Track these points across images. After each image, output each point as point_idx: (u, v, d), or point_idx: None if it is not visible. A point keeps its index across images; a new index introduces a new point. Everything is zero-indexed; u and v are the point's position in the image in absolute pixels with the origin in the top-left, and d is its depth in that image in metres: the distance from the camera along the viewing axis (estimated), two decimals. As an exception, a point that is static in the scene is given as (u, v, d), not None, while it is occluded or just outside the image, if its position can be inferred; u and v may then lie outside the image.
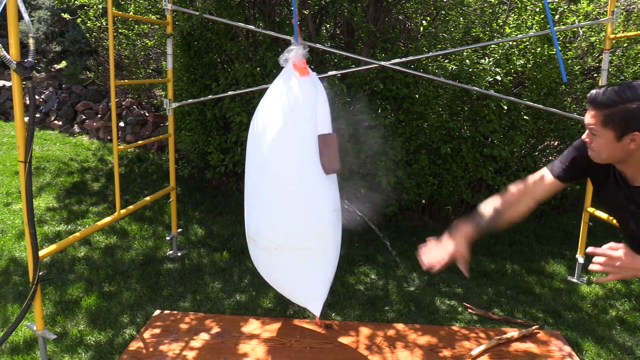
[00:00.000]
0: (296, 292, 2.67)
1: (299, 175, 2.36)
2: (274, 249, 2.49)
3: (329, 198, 2.47)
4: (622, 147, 1.53)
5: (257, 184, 2.49)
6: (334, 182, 2.52)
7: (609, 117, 1.50)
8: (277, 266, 2.58)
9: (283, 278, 2.64)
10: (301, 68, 2.38)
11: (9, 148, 6.87)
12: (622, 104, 1.47)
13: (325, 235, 2.49)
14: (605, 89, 1.53)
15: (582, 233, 3.79)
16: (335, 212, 2.51)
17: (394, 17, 4.79)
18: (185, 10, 3.79)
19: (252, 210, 2.57)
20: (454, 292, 3.59)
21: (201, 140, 5.17)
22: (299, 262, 2.50)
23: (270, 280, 2.72)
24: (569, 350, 2.79)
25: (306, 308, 2.75)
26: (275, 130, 2.36)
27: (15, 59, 2.25)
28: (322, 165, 2.30)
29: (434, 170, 4.60)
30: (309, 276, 2.57)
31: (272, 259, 2.56)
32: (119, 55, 6.85)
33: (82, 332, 2.97)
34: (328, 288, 2.67)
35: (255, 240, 2.59)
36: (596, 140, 1.58)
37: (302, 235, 2.44)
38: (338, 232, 2.60)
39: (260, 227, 2.52)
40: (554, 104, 4.69)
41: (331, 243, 2.55)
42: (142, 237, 4.36)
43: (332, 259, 2.61)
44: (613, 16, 3.33)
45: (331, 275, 2.66)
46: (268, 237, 2.49)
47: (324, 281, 2.62)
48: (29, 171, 2.34)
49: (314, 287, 2.62)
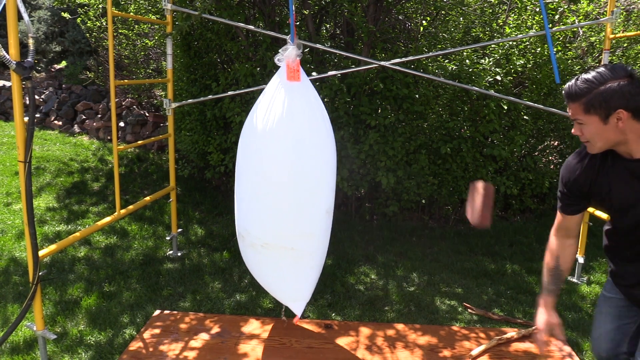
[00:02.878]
0: (279, 290, 2.68)
1: (291, 177, 2.36)
2: (260, 246, 2.50)
3: (322, 199, 2.47)
4: (612, 128, 1.56)
5: (247, 182, 2.49)
6: (331, 183, 2.51)
7: (589, 104, 1.55)
8: (263, 263, 2.59)
9: (268, 275, 2.65)
10: (293, 70, 2.38)
11: (9, 148, 6.87)
12: (595, 89, 1.53)
13: (313, 236, 2.49)
14: (576, 79, 1.59)
15: (582, 233, 3.79)
16: (327, 213, 2.51)
17: (394, 17, 4.79)
18: (185, 10, 3.79)
19: (241, 207, 2.58)
20: (454, 292, 3.59)
21: (201, 140, 5.17)
22: (283, 261, 2.51)
23: (257, 276, 2.73)
24: (569, 350, 2.79)
25: (288, 307, 2.74)
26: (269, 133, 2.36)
27: (15, 59, 2.25)
28: (470, 214, 2.05)
29: (434, 170, 4.60)
30: (293, 276, 2.58)
31: (258, 256, 2.57)
32: (119, 55, 6.86)
33: (82, 332, 2.97)
34: (312, 289, 2.67)
35: (243, 237, 2.60)
36: (586, 130, 1.61)
37: (289, 234, 2.45)
38: (327, 233, 2.60)
39: (248, 224, 2.53)
40: (554, 104, 4.69)
41: (319, 244, 2.55)
42: (142, 237, 4.37)
43: (318, 261, 2.61)
44: (613, 16, 3.33)
45: (316, 276, 2.66)
46: (255, 234, 2.50)
47: (307, 282, 2.62)
48: (29, 171, 2.34)
49: (297, 288, 2.62)
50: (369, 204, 4.99)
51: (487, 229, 4.76)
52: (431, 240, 4.52)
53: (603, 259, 4.17)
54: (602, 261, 4.13)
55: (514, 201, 5.03)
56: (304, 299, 2.65)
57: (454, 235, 4.63)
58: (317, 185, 2.42)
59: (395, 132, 4.43)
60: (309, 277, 2.60)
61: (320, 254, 2.59)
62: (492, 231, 4.71)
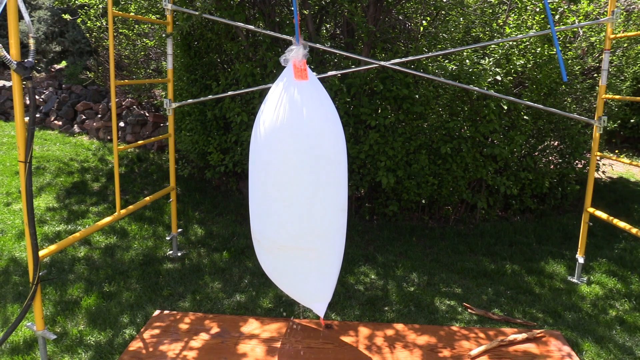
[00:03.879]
0: (300, 293, 2.66)
1: (303, 176, 2.35)
2: (277, 249, 2.49)
3: (336, 197, 2.45)
4: None
5: (259, 184, 2.49)
6: (344, 181, 2.50)
7: None
8: (281, 266, 2.58)
9: (287, 278, 2.63)
10: (300, 70, 2.38)
11: (9, 148, 6.87)
12: None
13: (329, 235, 2.48)
14: None
15: (582, 233, 3.79)
16: (342, 211, 2.50)
17: (394, 17, 4.79)
18: (185, 10, 3.79)
19: (255, 210, 2.57)
20: (454, 292, 3.59)
21: (201, 140, 5.17)
22: (302, 263, 2.49)
23: (275, 280, 2.71)
24: (568, 350, 2.79)
25: (311, 309, 2.74)
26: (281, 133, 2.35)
27: (15, 59, 2.25)
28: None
29: (434, 170, 4.60)
30: (313, 277, 2.56)
31: (275, 260, 2.56)
32: (119, 55, 6.85)
33: (82, 332, 2.97)
34: (333, 289, 2.65)
35: (259, 241, 2.58)
36: None
37: (305, 235, 2.43)
38: (343, 231, 2.59)
39: (264, 228, 2.52)
40: (554, 104, 4.69)
41: (336, 243, 2.54)
42: (142, 237, 4.37)
43: (336, 260, 2.60)
44: (613, 16, 3.33)
45: (335, 276, 2.64)
46: (271, 238, 2.49)
47: (328, 282, 2.60)
48: (29, 171, 2.34)
49: (318, 288, 2.61)
50: (369, 204, 4.99)
51: (487, 229, 4.76)
52: (431, 240, 4.52)
53: (603, 259, 4.18)
54: (602, 261, 4.13)
55: (514, 201, 5.03)
56: (326, 299, 2.63)
57: (454, 235, 4.63)
58: (330, 184, 2.40)
59: (395, 132, 4.43)
60: (328, 277, 2.58)
61: (337, 253, 2.58)
62: (492, 231, 4.71)
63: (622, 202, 5.70)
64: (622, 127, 8.03)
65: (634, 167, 7.12)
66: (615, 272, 3.97)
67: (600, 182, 6.42)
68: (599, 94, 3.53)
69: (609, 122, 5.86)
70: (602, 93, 3.51)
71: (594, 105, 4.85)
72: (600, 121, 3.50)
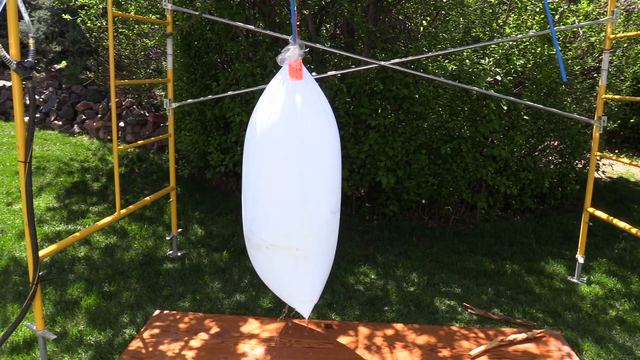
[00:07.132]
0: (286, 292, 2.66)
1: (294, 176, 2.35)
2: (265, 248, 2.50)
3: (327, 199, 2.45)
4: None
5: (251, 182, 2.49)
6: (337, 183, 2.50)
7: None
8: (269, 265, 2.58)
9: (274, 277, 2.63)
10: (295, 69, 2.38)
11: (9, 148, 6.87)
12: None
13: (318, 237, 2.48)
14: None
15: (582, 233, 3.79)
16: (332, 213, 2.50)
17: (394, 17, 4.79)
18: (185, 10, 3.79)
19: (247, 208, 2.57)
20: (454, 292, 3.59)
21: (201, 140, 5.17)
22: (289, 262, 2.49)
23: (263, 277, 2.72)
24: (568, 350, 2.79)
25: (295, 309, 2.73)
26: (273, 132, 2.36)
27: (15, 59, 2.25)
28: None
29: (434, 170, 4.60)
30: (299, 277, 2.55)
31: (264, 258, 2.56)
32: (119, 55, 6.85)
33: (82, 332, 2.97)
34: (320, 291, 2.64)
35: (249, 239, 2.59)
36: None
37: (294, 235, 2.43)
38: (334, 234, 2.58)
39: (254, 226, 2.52)
40: (554, 104, 4.69)
41: (325, 245, 2.53)
42: (142, 237, 4.37)
43: (325, 262, 2.59)
44: (613, 16, 3.33)
45: (324, 278, 2.63)
46: (260, 236, 2.49)
47: (315, 284, 2.60)
48: (29, 171, 2.34)
49: (304, 289, 2.60)
50: (369, 204, 4.99)
51: (487, 229, 4.76)
52: (431, 240, 4.52)
53: (603, 259, 4.18)
54: (602, 261, 4.13)
55: (514, 201, 5.03)
56: (312, 300, 2.63)
57: (454, 235, 4.63)
58: (321, 185, 2.40)
59: (395, 132, 4.43)
60: (315, 279, 2.58)
61: (326, 255, 2.57)
62: (492, 231, 4.71)
63: (622, 202, 5.70)
64: (622, 127, 8.03)
65: (634, 167, 7.12)
66: (615, 272, 3.97)
67: (600, 182, 6.42)
68: (599, 94, 3.53)
69: (609, 122, 5.86)
70: (602, 93, 3.51)
71: (594, 105, 4.84)
72: (600, 121, 3.50)
